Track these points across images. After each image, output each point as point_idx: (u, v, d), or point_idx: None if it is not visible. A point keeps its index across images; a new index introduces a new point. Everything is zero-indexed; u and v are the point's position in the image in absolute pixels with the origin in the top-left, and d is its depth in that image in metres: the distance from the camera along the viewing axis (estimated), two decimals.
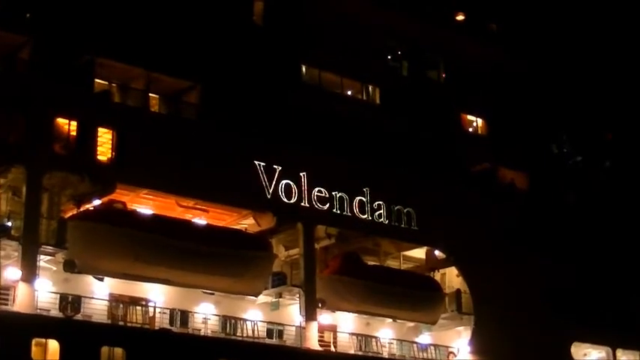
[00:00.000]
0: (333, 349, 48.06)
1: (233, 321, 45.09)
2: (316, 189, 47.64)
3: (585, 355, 58.80)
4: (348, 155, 49.50)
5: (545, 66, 63.02)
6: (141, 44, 44.08)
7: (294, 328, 46.19)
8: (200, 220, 45.54)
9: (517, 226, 55.49)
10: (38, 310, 38.39)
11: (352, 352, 48.55)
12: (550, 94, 62.92)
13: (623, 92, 69.68)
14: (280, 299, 47.02)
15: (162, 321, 42.62)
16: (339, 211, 48.32)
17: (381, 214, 50.05)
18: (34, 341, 36.87)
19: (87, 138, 41.24)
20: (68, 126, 41.07)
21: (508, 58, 60.41)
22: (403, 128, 53.27)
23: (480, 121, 59.27)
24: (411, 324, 52.00)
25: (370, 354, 49.06)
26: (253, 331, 45.27)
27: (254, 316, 46.39)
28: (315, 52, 50.82)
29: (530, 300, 54.02)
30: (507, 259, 53.82)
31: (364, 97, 53.82)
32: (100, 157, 41.70)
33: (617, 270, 60.41)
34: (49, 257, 40.10)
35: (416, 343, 51.91)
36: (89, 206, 41.81)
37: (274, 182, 46.16)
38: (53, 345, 37.44)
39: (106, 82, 43.70)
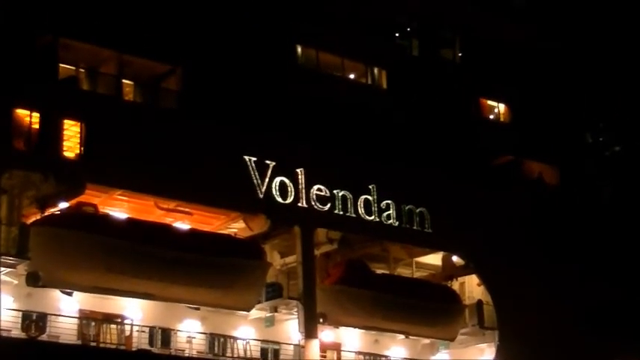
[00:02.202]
0: None
1: (222, 340, 45.31)
2: (315, 187, 47.70)
3: None
4: (351, 148, 49.54)
5: (576, 43, 62.97)
6: (111, 21, 43.94)
7: (292, 347, 46.35)
8: (183, 225, 45.59)
9: (546, 227, 55.51)
10: None
11: None
12: (583, 75, 62.86)
13: None
14: (275, 314, 47.11)
15: (140, 341, 42.64)
16: (341, 212, 48.41)
17: (389, 215, 50.11)
18: None
19: (51, 131, 41.18)
20: (29, 118, 41.02)
21: (535, 34, 60.30)
22: (414, 116, 53.28)
23: (502, 107, 59.36)
24: (427, 341, 52.21)
25: None
26: (245, 351, 45.40)
27: (246, 333, 46.48)
28: (312, 29, 50.84)
29: (564, 312, 53.99)
30: (536, 266, 53.83)
31: (369, 81, 53.90)
32: (66, 154, 41.67)
33: None
34: (9, 269, 40.05)
35: None
36: (55, 210, 41.79)
37: (267, 180, 46.20)
38: None
39: (72, 67, 43.62)
